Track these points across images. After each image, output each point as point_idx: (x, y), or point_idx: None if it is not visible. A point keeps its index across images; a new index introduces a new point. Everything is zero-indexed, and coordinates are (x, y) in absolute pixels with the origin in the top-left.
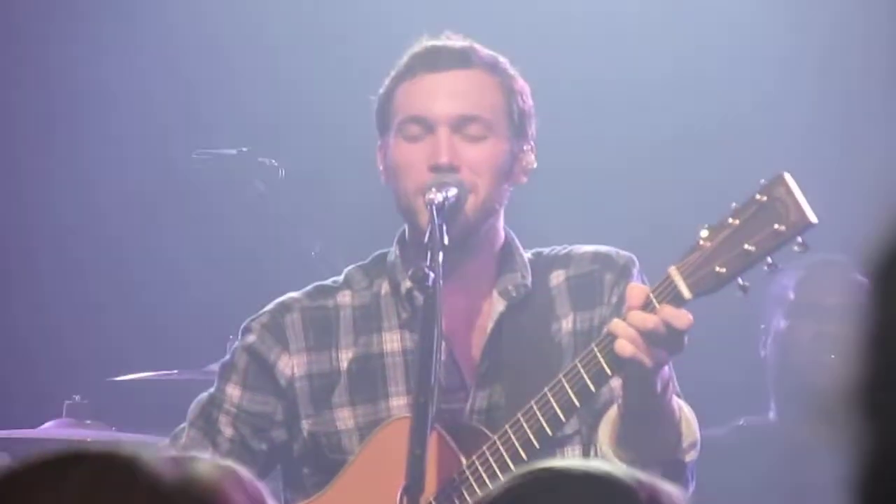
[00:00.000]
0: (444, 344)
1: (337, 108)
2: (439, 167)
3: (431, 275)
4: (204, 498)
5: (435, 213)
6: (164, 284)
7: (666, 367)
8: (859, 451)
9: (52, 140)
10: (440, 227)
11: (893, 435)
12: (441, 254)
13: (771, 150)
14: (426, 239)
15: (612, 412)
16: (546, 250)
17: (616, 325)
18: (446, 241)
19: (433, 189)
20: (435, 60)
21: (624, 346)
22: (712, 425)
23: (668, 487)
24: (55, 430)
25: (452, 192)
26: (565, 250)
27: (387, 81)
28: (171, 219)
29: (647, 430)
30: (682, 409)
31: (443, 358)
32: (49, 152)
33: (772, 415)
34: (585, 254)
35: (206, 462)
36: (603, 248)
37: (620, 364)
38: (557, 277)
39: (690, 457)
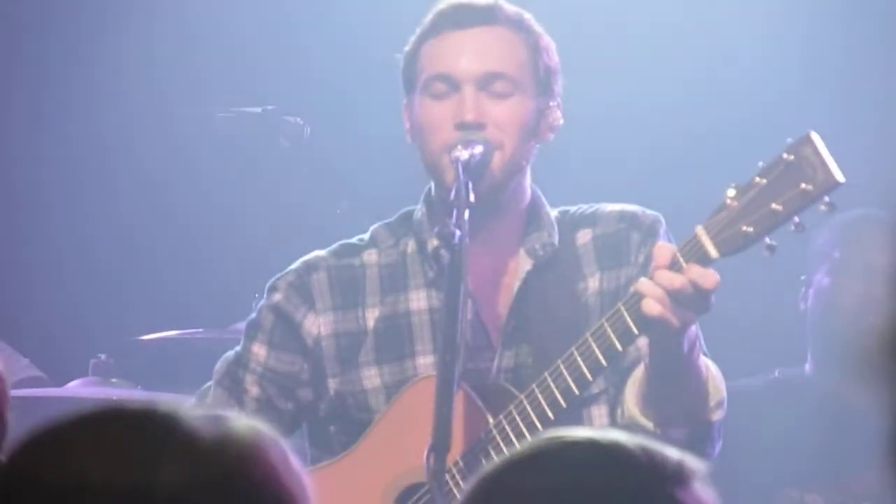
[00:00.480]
0: (470, 303)
1: (362, 66)
2: (465, 124)
3: (458, 232)
4: (241, 454)
5: (461, 170)
6: (189, 243)
7: (693, 327)
8: (894, 405)
9: (73, 100)
10: (466, 184)
11: None
12: (467, 211)
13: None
14: (452, 196)
15: (639, 372)
16: (572, 209)
17: (643, 283)
18: (472, 198)
19: (459, 146)
20: (460, 18)
21: (651, 306)
22: (744, 376)
23: (675, 455)
24: (81, 389)
25: (478, 149)
26: (592, 209)
27: (412, 39)
28: (196, 177)
29: (673, 389)
30: (709, 368)
31: (469, 317)
32: (71, 111)
33: (808, 367)
34: (612, 212)
35: (242, 419)
36: (630, 207)
37: (647, 323)
38: (584, 236)
39: (717, 416)
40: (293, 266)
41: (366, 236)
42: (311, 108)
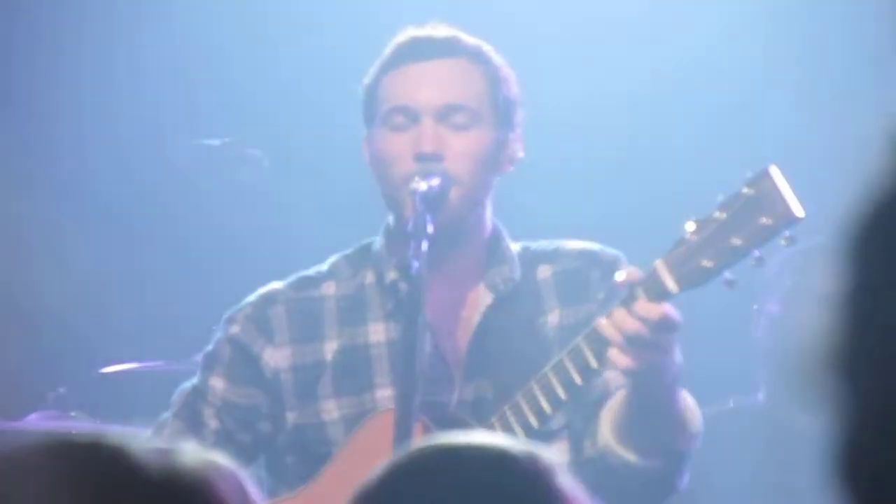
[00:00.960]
0: (429, 336)
1: (324, 98)
2: (424, 156)
3: (416, 264)
4: (190, 488)
5: (419, 201)
6: (148, 275)
7: (675, 357)
8: (839, 419)
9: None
10: (423, 215)
11: (871, 401)
12: (425, 243)
13: (756, 144)
14: (410, 227)
15: (614, 402)
16: (533, 245)
17: (604, 326)
18: (430, 230)
19: (417, 178)
20: (419, 50)
21: (616, 356)
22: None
23: (540, 450)
24: (40, 423)
25: (436, 181)
26: (553, 245)
27: (372, 71)
28: (154, 210)
29: (653, 419)
30: (686, 398)
31: (428, 350)
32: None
33: (761, 396)
34: (573, 250)
35: (192, 451)
36: (590, 245)
37: (606, 360)
38: (545, 272)
39: (692, 446)
40: (250, 298)
41: (324, 268)
42: (269, 140)
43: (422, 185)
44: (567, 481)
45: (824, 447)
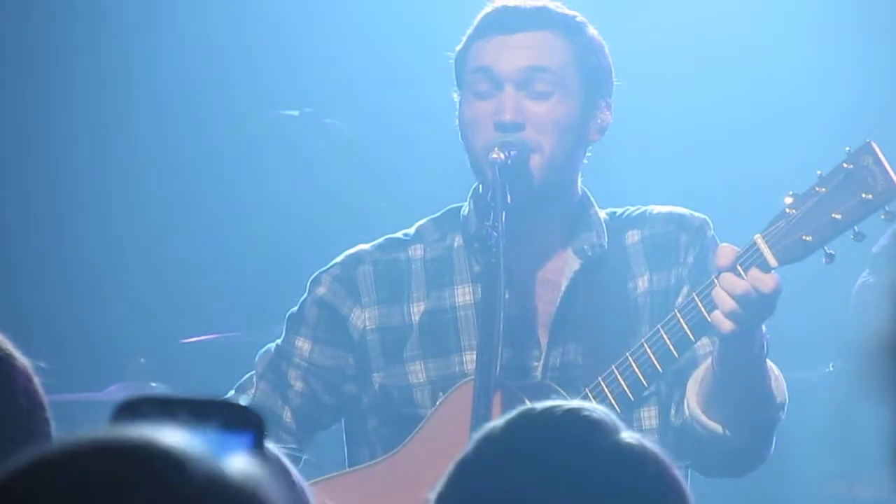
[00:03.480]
0: (516, 301)
1: (399, 68)
2: (503, 125)
3: (494, 234)
4: (238, 497)
5: (497, 172)
6: (226, 246)
7: (762, 329)
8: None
9: (132, 105)
10: (503, 186)
11: None
12: (504, 213)
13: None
14: (489, 198)
15: (701, 371)
16: (619, 210)
17: (716, 293)
18: (509, 199)
19: (496, 148)
20: (507, 21)
21: (719, 320)
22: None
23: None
24: (120, 393)
25: (514, 152)
26: (639, 210)
27: (463, 39)
28: (231, 180)
29: (740, 390)
30: (773, 369)
31: (515, 314)
32: (127, 117)
33: (831, 366)
34: (660, 214)
35: (242, 458)
36: (677, 209)
37: (704, 330)
38: (632, 237)
39: (778, 417)
40: (337, 259)
41: (411, 231)
42: (349, 110)
43: (500, 156)
44: (676, 473)
45: (885, 433)
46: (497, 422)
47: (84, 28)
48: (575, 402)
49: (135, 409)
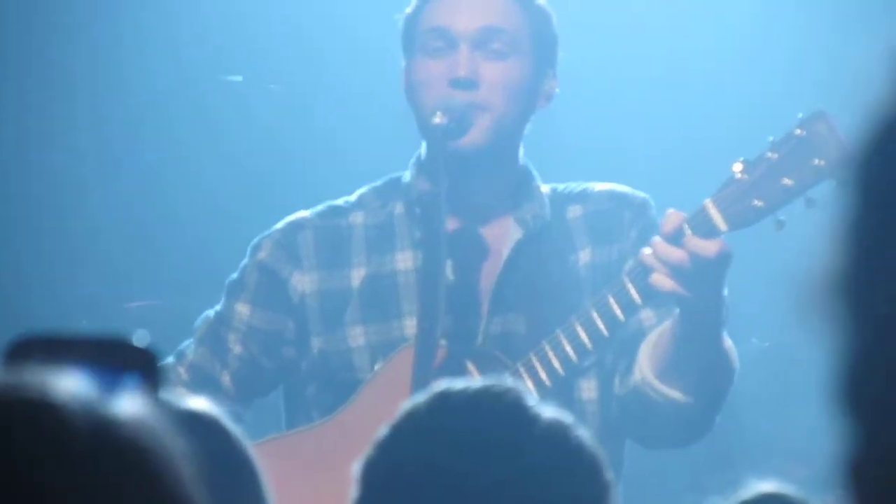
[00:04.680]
0: (455, 268)
1: (351, 32)
2: (458, 81)
3: (435, 199)
4: (126, 447)
5: (440, 135)
6: (172, 211)
7: (721, 296)
8: (841, 343)
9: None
10: (444, 151)
11: (872, 326)
12: (450, 177)
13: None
14: (423, 159)
15: (653, 338)
16: (561, 186)
17: (646, 256)
18: (454, 163)
19: (438, 113)
20: None
21: (659, 279)
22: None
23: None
24: None
25: (460, 113)
26: (581, 186)
27: (412, 4)
28: (188, 140)
29: (699, 355)
30: (726, 338)
31: (458, 281)
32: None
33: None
34: (602, 191)
35: (130, 401)
36: (619, 187)
37: (651, 294)
38: (574, 212)
39: (730, 386)
40: (277, 225)
41: (352, 198)
42: (293, 76)
43: (443, 120)
44: (594, 444)
45: (827, 376)
46: (416, 400)
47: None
48: (491, 379)
49: (24, 351)
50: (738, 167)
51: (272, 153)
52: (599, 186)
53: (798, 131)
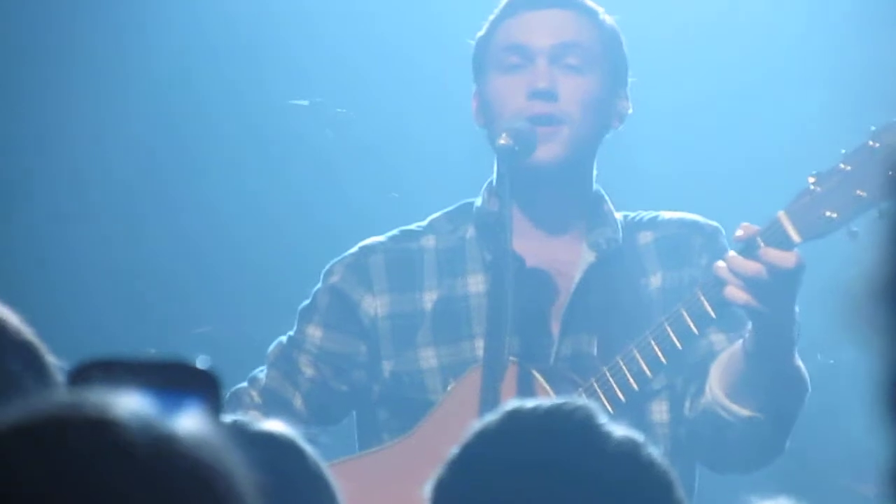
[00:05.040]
0: (529, 290)
1: (419, 57)
2: (538, 92)
3: (502, 218)
4: (187, 468)
5: (506, 156)
6: (234, 235)
7: (793, 310)
8: (884, 350)
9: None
10: (510, 171)
11: None
12: (516, 199)
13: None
14: (495, 183)
15: (725, 358)
16: (632, 214)
17: (720, 268)
18: (523, 183)
19: (503, 134)
20: (535, 1)
21: (732, 292)
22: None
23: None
24: None
25: (525, 136)
26: (651, 215)
27: (486, 24)
28: (245, 168)
29: (768, 375)
30: (797, 359)
31: (529, 303)
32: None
33: None
34: (672, 218)
35: (190, 420)
36: (689, 215)
37: (724, 307)
38: (645, 237)
39: (801, 407)
40: (351, 250)
41: (424, 223)
42: (357, 101)
43: (508, 142)
44: (662, 462)
45: (873, 384)
46: (486, 420)
47: (81, 23)
48: (562, 398)
49: (86, 374)
50: (811, 179)
51: (332, 179)
52: (670, 214)
53: (871, 143)
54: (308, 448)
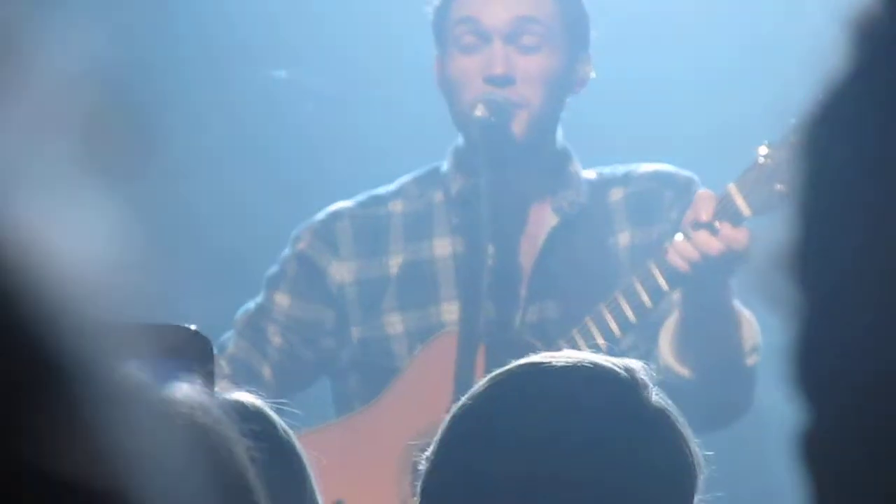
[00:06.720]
0: (493, 254)
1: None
2: (494, 78)
3: (477, 190)
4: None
5: (482, 129)
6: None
7: (728, 283)
8: (794, 319)
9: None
10: (487, 144)
11: (819, 300)
12: (490, 169)
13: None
14: (474, 154)
15: (671, 321)
16: (606, 169)
17: (679, 244)
18: (493, 155)
19: (480, 105)
20: None
21: (683, 266)
22: None
23: (634, 364)
24: None
25: (499, 107)
26: (625, 169)
27: None
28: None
29: (708, 335)
30: (743, 313)
31: (497, 268)
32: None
33: None
34: (646, 172)
35: (185, 385)
36: (664, 167)
37: (678, 280)
38: (616, 194)
39: (753, 360)
40: (317, 216)
41: (392, 187)
42: (335, 72)
43: (485, 113)
44: (661, 396)
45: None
46: (503, 369)
47: None
48: (588, 355)
49: None
50: (762, 150)
51: (303, 150)
52: (645, 167)
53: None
54: (277, 418)
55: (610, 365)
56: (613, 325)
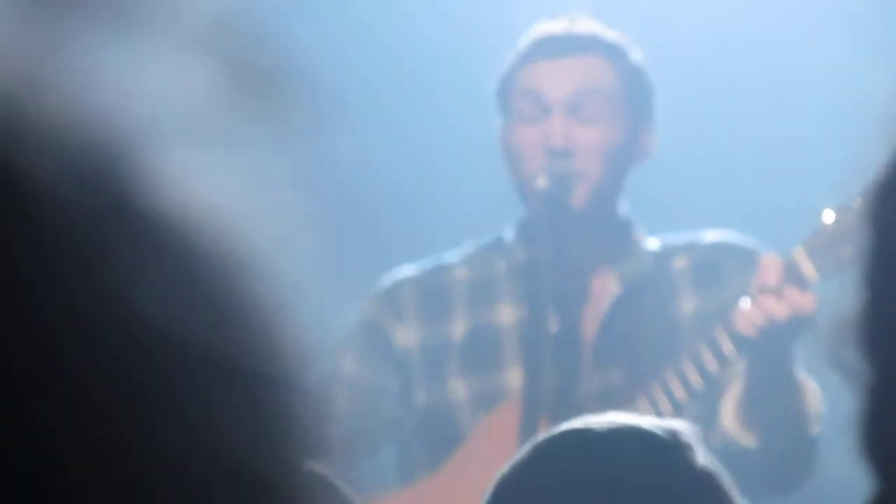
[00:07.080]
0: (557, 324)
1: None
2: (553, 150)
3: (540, 259)
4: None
5: (543, 200)
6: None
7: (792, 352)
8: (861, 388)
9: None
10: (549, 215)
11: (889, 372)
12: (552, 239)
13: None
14: (536, 224)
15: (734, 389)
16: (670, 237)
17: (745, 310)
18: (555, 226)
19: (540, 176)
20: (552, 47)
21: (751, 331)
22: None
23: (678, 424)
24: None
25: (561, 179)
26: (689, 237)
27: (505, 63)
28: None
29: (773, 402)
30: (806, 381)
31: (556, 336)
32: None
33: None
34: (709, 241)
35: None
36: (727, 235)
37: (745, 345)
38: (680, 262)
39: (816, 428)
40: (381, 282)
41: (456, 254)
42: (398, 142)
43: (545, 184)
44: (708, 458)
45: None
46: (545, 435)
47: None
48: (631, 417)
49: None
50: (828, 215)
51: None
52: (708, 236)
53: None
54: (341, 484)
55: (651, 427)
56: (679, 392)
